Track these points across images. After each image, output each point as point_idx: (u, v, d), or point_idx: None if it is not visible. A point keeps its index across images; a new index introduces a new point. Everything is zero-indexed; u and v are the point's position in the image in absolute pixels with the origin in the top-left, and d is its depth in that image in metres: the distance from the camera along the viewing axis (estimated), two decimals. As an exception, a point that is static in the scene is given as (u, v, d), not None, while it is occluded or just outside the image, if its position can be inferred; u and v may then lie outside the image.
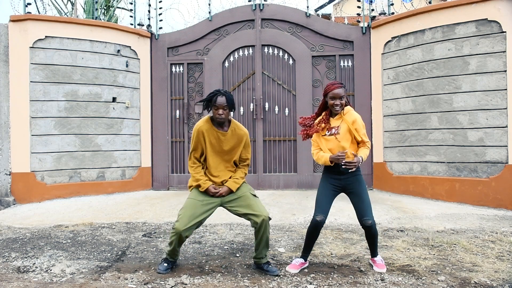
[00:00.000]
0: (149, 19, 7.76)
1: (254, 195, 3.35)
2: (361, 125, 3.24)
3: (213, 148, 3.32)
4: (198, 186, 3.30)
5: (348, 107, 3.30)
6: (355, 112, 3.29)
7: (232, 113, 3.31)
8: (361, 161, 3.13)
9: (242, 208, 3.26)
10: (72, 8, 9.96)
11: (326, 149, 3.24)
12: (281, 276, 3.16)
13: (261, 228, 3.16)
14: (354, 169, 3.13)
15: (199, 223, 3.23)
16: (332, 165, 3.18)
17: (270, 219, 3.22)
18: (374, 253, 3.38)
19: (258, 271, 3.27)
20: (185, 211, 3.19)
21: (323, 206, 3.20)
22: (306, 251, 3.34)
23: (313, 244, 3.34)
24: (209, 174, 3.35)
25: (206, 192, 3.28)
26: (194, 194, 3.30)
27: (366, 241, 4.10)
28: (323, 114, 3.32)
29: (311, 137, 3.33)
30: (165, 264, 3.31)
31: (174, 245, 3.20)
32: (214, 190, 3.27)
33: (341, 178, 3.20)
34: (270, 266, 3.27)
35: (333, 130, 3.21)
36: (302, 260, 3.34)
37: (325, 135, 3.25)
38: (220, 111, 3.20)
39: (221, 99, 3.19)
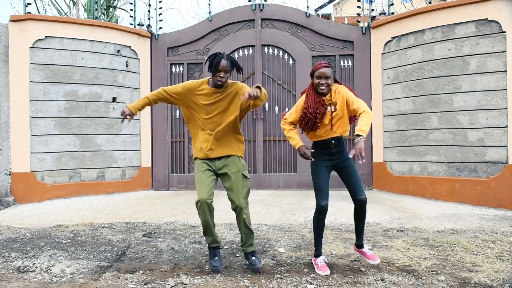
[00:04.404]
0: (149, 19, 7.76)
1: (245, 176, 3.29)
2: (353, 96, 3.13)
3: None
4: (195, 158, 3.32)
5: (336, 84, 3.22)
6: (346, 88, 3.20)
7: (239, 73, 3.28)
8: (363, 139, 2.91)
9: (227, 185, 3.27)
10: (74, 6, 9.96)
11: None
12: (281, 276, 3.16)
13: (236, 214, 3.24)
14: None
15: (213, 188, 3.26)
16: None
17: (247, 204, 3.27)
18: (361, 240, 3.30)
19: (257, 270, 3.27)
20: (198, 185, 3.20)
21: (325, 191, 3.18)
22: (319, 244, 3.28)
23: (322, 234, 3.28)
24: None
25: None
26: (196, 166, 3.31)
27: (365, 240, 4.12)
28: (309, 93, 3.20)
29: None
30: (215, 258, 3.25)
31: (205, 218, 3.13)
32: None
33: (332, 158, 3.20)
34: (253, 258, 3.27)
35: (329, 108, 3.15)
36: (322, 258, 3.30)
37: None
38: (222, 74, 3.11)
39: (224, 62, 3.08)
